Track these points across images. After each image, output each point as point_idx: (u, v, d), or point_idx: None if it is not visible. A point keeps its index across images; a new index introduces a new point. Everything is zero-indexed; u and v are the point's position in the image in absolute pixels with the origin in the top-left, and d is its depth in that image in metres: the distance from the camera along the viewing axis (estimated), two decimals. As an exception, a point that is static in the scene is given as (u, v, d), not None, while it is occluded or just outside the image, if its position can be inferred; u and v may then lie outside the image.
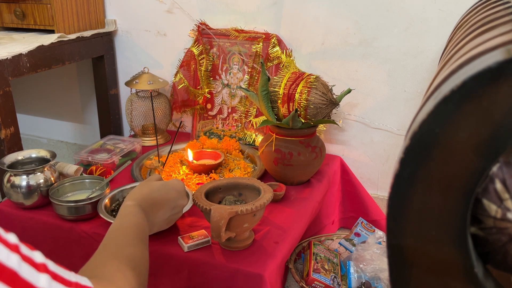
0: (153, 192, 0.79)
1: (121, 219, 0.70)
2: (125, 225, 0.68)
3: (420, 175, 0.42)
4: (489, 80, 0.37)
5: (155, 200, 0.77)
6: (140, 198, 0.75)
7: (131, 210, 0.72)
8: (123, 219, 0.70)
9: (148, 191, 0.78)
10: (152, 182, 0.81)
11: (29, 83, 1.93)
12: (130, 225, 0.68)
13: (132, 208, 0.72)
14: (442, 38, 1.25)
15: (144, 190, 0.78)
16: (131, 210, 0.72)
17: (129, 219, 0.69)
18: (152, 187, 0.79)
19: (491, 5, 0.75)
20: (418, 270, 0.45)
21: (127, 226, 0.67)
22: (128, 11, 1.60)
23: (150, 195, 0.77)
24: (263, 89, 1.19)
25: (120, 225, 0.68)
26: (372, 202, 1.40)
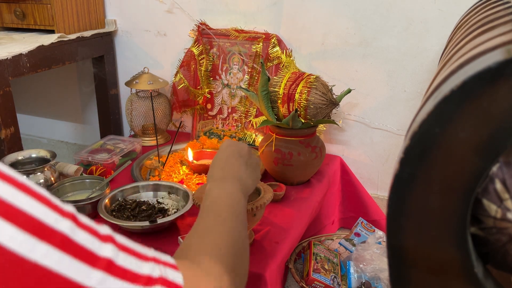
0: (213, 162, 0.72)
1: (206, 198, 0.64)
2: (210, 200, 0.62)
3: (420, 175, 0.42)
4: (489, 80, 0.37)
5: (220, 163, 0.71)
6: (211, 175, 0.70)
7: (206, 193, 0.65)
8: (207, 198, 0.63)
9: (211, 165, 0.73)
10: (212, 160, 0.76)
11: (29, 83, 1.93)
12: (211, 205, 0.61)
13: (207, 189, 0.66)
14: (442, 38, 1.25)
15: (210, 168, 0.72)
16: (206, 193, 0.66)
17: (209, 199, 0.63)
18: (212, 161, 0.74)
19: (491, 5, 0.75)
20: (418, 270, 0.45)
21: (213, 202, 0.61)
22: (128, 11, 1.60)
23: (214, 165, 0.71)
24: (263, 89, 1.19)
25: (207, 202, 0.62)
26: (372, 202, 1.40)
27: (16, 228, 0.30)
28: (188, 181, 1.21)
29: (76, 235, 0.33)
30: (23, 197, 0.31)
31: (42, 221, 0.31)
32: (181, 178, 1.23)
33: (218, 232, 0.55)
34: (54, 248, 0.31)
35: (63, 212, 0.33)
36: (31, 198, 0.32)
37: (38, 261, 0.30)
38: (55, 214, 0.32)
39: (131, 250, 0.38)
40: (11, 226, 0.29)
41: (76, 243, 0.33)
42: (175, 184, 1.12)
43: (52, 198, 0.34)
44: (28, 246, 0.30)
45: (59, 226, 0.32)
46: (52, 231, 0.32)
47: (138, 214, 1.02)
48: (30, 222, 0.31)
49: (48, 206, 0.32)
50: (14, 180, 0.32)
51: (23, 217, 0.30)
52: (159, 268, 0.39)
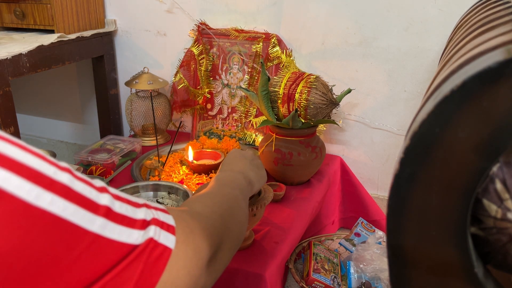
0: (222, 164, 0.78)
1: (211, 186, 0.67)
2: (214, 179, 0.66)
3: (420, 175, 0.42)
4: (489, 80, 0.36)
5: (227, 164, 0.77)
6: (218, 174, 0.74)
7: (217, 175, 0.71)
8: (213, 185, 0.66)
9: (219, 168, 0.78)
10: None
11: (29, 83, 1.93)
12: (219, 178, 0.66)
13: (219, 175, 0.71)
14: (442, 38, 1.25)
15: (217, 171, 0.78)
16: (216, 175, 0.71)
17: (217, 176, 0.68)
18: (221, 165, 0.79)
19: (491, 5, 0.75)
20: (418, 270, 0.45)
21: (217, 179, 0.66)
22: (128, 11, 1.60)
23: (222, 166, 0.77)
24: (263, 89, 1.19)
25: (214, 181, 0.66)
26: (372, 202, 1.40)
27: (22, 178, 0.31)
28: (188, 181, 1.21)
29: (76, 185, 0.35)
30: (21, 153, 0.33)
31: (43, 173, 0.33)
32: (181, 178, 1.23)
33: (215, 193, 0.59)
34: (58, 196, 0.33)
35: (60, 166, 0.35)
36: (28, 153, 0.33)
37: (46, 208, 0.32)
38: (53, 167, 0.34)
39: (125, 199, 0.40)
40: (16, 176, 0.31)
41: (77, 192, 0.35)
42: (175, 184, 1.12)
43: (47, 155, 0.35)
44: (35, 194, 0.32)
45: (59, 177, 0.34)
46: (53, 181, 0.33)
47: None
48: (33, 173, 0.32)
49: (45, 160, 0.34)
50: (10, 139, 0.33)
51: (26, 169, 0.32)
52: (151, 212, 0.42)
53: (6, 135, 0.33)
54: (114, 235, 0.37)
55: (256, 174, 0.78)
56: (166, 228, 0.42)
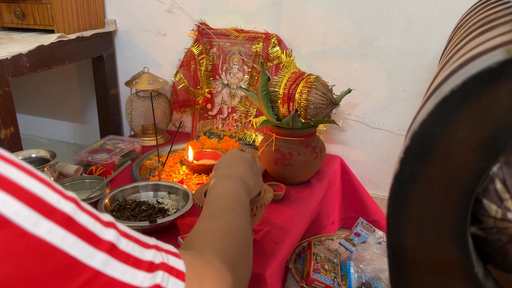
0: (218, 164, 0.76)
1: (210, 192, 0.66)
2: (214, 193, 0.64)
3: (420, 175, 0.42)
4: (489, 80, 0.36)
5: (226, 165, 0.75)
6: (216, 174, 0.73)
7: (211, 185, 0.68)
8: (212, 191, 0.66)
9: (217, 166, 0.76)
10: None
11: (29, 83, 1.93)
12: (220, 194, 0.64)
13: (212, 183, 0.69)
14: (442, 38, 1.25)
15: (215, 169, 0.76)
16: (211, 185, 0.68)
17: (213, 192, 0.65)
18: (217, 162, 0.78)
19: (491, 5, 0.75)
20: (418, 270, 0.45)
21: (217, 195, 0.63)
22: (128, 11, 1.60)
23: (219, 166, 0.75)
24: (263, 89, 1.19)
25: (211, 195, 0.64)
26: (372, 202, 1.40)
27: (21, 203, 0.30)
28: (188, 181, 1.21)
29: (79, 217, 0.34)
30: (25, 177, 0.32)
31: (45, 200, 0.32)
32: (181, 178, 1.23)
33: (222, 226, 0.55)
34: (58, 226, 0.32)
35: (65, 195, 0.34)
36: (31, 178, 0.32)
37: (43, 236, 0.31)
38: (57, 195, 0.33)
39: (133, 237, 0.38)
40: (16, 201, 0.30)
41: (79, 224, 0.34)
42: (175, 184, 1.12)
43: (52, 182, 0.35)
44: (33, 221, 0.31)
45: (62, 206, 0.33)
46: (54, 209, 0.32)
47: (138, 214, 1.02)
48: (34, 199, 0.31)
49: (50, 188, 0.33)
50: (14, 161, 0.32)
51: (27, 194, 0.31)
52: (161, 255, 0.39)
53: (13, 157, 0.33)
54: (117, 274, 0.35)
55: (255, 183, 0.75)
56: (176, 274, 0.39)
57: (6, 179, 0.30)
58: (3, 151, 0.33)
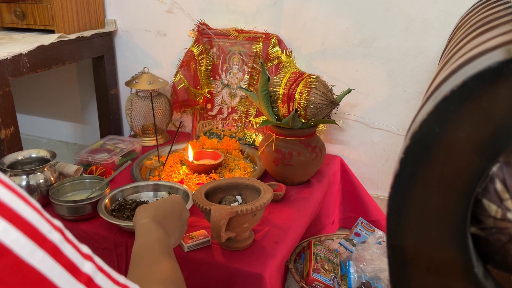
0: (161, 205, 0.76)
1: (143, 237, 0.67)
2: (149, 242, 0.65)
3: (420, 175, 0.42)
4: (489, 80, 0.36)
5: (166, 212, 0.75)
6: (152, 214, 0.73)
7: (149, 227, 0.69)
8: (145, 237, 0.67)
9: (156, 205, 0.76)
10: (151, 203, 0.79)
11: (29, 83, 1.93)
12: (154, 242, 0.65)
13: (149, 225, 0.70)
14: (442, 38, 1.25)
15: (152, 206, 0.76)
16: (148, 227, 0.69)
17: (151, 236, 0.67)
18: (158, 203, 0.77)
19: (491, 5, 0.75)
20: (418, 270, 0.45)
21: (151, 244, 0.65)
22: (128, 11, 1.60)
23: (160, 208, 0.75)
24: (263, 89, 1.19)
25: (145, 243, 0.65)
26: (372, 202, 1.40)
27: (19, 232, 0.31)
28: (188, 181, 1.21)
29: (64, 248, 0.35)
30: (22, 204, 0.33)
31: (38, 229, 0.33)
32: (181, 178, 1.23)
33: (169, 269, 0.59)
34: (48, 255, 0.33)
35: (53, 225, 0.35)
36: (28, 206, 0.33)
37: (36, 265, 0.32)
38: (48, 225, 0.34)
39: (107, 273, 0.39)
40: (15, 229, 0.31)
41: (64, 255, 0.35)
42: (175, 184, 1.12)
43: (42, 210, 0.35)
44: (29, 250, 0.32)
45: (51, 236, 0.34)
46: (46, 239, 0.33)
47: None
48: (30, 228, 0.32)
49: (41, 216, 0.34)
50: (13, 187, 0.33)
51: (24, 223, 0.32)
52: None
53: (11, 182, 0.34)
54: None
55: (175, 241, 0.76)
56: None
57: (6, 207, 0.31)
58: (2, 175, 0.33)
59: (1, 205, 0.31)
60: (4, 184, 0.33)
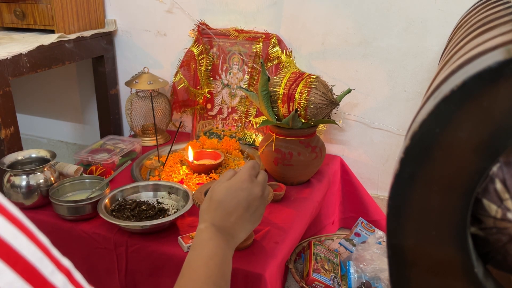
0: (222, 202, 0.69)
1: (196, 249, 0.63)
2: (199, 259, 0.61)
3: (420, 175, 0.42)
4: (489, 80, 0.36)
5: (228, 210, 0.68)
6: (212, 216, 0.68)
7: (206, 236, 0.64)
8: (197, 250, 0.63)
9: (218, 201, 0.69)
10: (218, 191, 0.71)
11: (29, 83, 1.93)
12: (205, 261, 0.61)
13: (207, 232, 0.65)
14: (442, 38, 1.25)
15: (213, 203, 0.69)
16: (205, 236, 0.65)
17: (204, 252, 0.62)
18: (219, 197, 0.70)
19: (491, 5, 0.75)
20: (418, 270, 0.45)
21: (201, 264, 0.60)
22: (128, 11, 1.60)
23: (222, 206, 0.68)
24: (263, 89, 1.19)
25: (195, 259, 0.61)
26: (372, 202, 1.40)
27: (15, 274, 0.29)
28: (188, 181, 1.21)
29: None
30: (25, 241, 0.31)
31: (39, 271, 0.31)
32: (181, 178, 1.23)
33: None
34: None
35: (60, 265, 0.33)
36: (31, 242, 0.31)
37: None
38: (52, 265, 0.32)
39: None
40: (11, 271, 0.29)
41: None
42: (175, 184, 1.12)
43: (51, 246, 0.33)
44: None
45: (54, 279, 0.32)
46: (47, 282, 0.31)
47: (138, 214, 1.02)
48: (28, 270, 0.30)
49: (47, 255, 0.32)
50: (17, 219, 0.31)
51: (23, 264, 0.30)
52: None
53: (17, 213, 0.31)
54: None
55: (246, 234, 0.71)
56: None
57: (5, 244, 0.29)
58: (7, 203, 0.31)
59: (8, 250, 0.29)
60: (8, 216, 0.30)
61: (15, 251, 0.30)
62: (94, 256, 1.03)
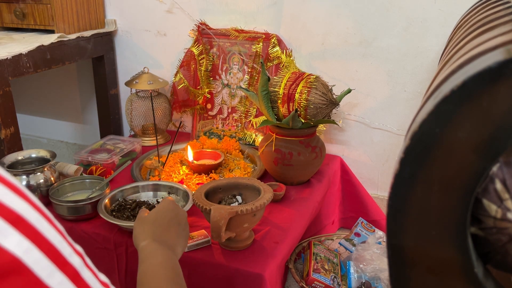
0: (157, 219, 0.74)
1: (145, 262, 0.65)
2: (151, 268, 0.64)
3: (420, 175, 0.42)
4: (489, 80, 0.36)
5: (163, 226, 0.73)
6: (151, 233, 0.71)
7: (150, 250, 0.67)
8: (147, 262, 0.65)
9: (152, 220, 0.74)
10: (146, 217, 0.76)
11: (29, 83, 1.93)
12: (157, 268, 0.64)
13: (150, 247, 0.68)
14: (442, 38, 1.25)
15: (148, 223, 0.73)
16: (150, 250, 0.68)
17: (152, 262, 0.65)
18: (153, 217, 0.75)
19: (491, 5, 0.75)
20: (418, 270, 0.45)
21: (154, 271, 0.63)
22: (128, 11, 1.60)
23: (157, 223, 0.73)
24: (263, 89, 1.19)
25: (147, 269, 0.64)
26: (372, 202, 1.40)
27: (42, 253, 0.32)
28: (188, 181, 1.21)
29: (84, 273, 0.35)
30: (46, 225, 0.33)
31: (60, 252, 0.34)
32: (181, 178, 1.23)
33: None
34: (68, 279, 0.34)
35: (75, 249, 0.36)
36: (52, 227, 0.34)
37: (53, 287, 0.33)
38: (70, 248, 0.35)
39: None
40: (38, 250, 0.32)
41: (83, 280, 0.35)
42: (175, 184, 1.12)
43: (65, 232, 0.36)
44: (48, 272, 0.32)
45: (72, 260, 0.34)
46: (67, 262, 0.34)
47: (138, 214, 1.02)
48: (52, 250, 0.33)
49: (64, 238, 0.35)
50: (40, 208, 0.34)
51: (47, 244, 0.32)
52: None
53: (37, 201, 0.34)
54: None
55: (182, 249, 0.74)
56: None
57: (31, 227, 0.32)
58: (28, 193, 0.34)
59: (26, 224, 0.31)
60: (32, 204, 0.33)
61: (40, 233, 0.32)
62: (94, 256, 1.02)
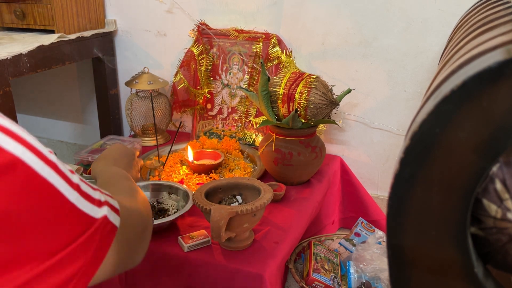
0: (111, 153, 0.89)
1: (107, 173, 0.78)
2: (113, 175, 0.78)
3: (420, 175, 0.42)
4: (489, 80, 0.36)
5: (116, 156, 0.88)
6: (111, 161, 0.85)
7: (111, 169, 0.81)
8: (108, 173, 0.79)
9: (103, 157, 0.88)
10: (98, 157, 0.90)
11: (29, 83, 1.93)
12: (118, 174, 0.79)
13: (111, 168, 0.82)
14: (442, 38, 1.25)
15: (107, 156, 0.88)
16: (110, 169, 0.81)
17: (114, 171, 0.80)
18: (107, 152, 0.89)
19: (491, 5, 0.75)
20: (418, 270, 0.45)
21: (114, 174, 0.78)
22: (128, 11, 1.60)
23: (112, 155, 0.88)
24: (263, 89, 1.19)
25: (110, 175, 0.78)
26: (372, 202, 1.40)
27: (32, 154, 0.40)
28: (188, 181, 1.21)
29: (60, 166, 0.44)
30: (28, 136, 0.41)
31: (42, 153, 0.42)
32: (181, 178, 1.23)
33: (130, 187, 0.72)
34: (53, 170, 0.42)
35: (49, 151, 0.44)
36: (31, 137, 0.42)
37: (47, 177, 0.41)
38: (46, 150, 0.43)
39: (85, 182, 0.49)
40: (30, 152, 0.40)
41: (61, 170, 0.44)
42: (175, 184, 1.12)
43: None
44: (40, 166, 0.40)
45: (51, 157, 0.43)
46: (48, 160, 0.42)
47: None
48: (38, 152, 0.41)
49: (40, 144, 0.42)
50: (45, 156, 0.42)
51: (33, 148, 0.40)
52: (103, 195, 0.52)
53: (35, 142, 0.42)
54: (84, 208, 0.45)
55: (134, 176, 0.89)
56: (114, 210, 0.52)
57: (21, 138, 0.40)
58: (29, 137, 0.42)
59: (18, 137, 0.40)
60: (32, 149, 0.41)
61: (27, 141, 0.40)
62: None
